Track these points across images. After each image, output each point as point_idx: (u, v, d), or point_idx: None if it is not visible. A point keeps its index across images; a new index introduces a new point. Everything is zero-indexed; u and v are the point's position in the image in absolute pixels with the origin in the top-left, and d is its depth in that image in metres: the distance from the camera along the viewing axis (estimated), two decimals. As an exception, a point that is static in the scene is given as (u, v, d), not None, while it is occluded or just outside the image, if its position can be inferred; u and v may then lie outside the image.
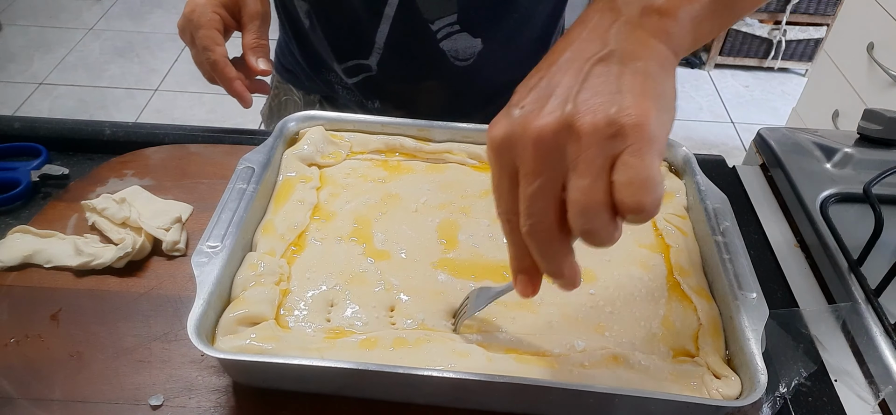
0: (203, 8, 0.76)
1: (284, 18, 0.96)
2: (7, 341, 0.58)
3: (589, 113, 0.37)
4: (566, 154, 0.37)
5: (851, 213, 0.76)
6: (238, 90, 0.78)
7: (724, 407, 0.50)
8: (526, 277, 0.44)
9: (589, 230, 0.37)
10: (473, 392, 0.53)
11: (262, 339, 0.53)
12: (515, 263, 0.44)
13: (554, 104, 0.38)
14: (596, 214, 0.36)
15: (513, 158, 0.40)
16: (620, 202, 0.36)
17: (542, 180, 0.38)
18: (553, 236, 0.39)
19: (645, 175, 0.35)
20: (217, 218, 0.61)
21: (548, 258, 0.40)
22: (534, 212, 0.39)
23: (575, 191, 0.37)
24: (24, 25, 3.34)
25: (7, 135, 0.81)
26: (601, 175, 0.36)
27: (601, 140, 0.36)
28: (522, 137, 0.39)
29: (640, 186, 0.35)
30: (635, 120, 0.36)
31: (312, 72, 0.97)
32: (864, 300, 0.64)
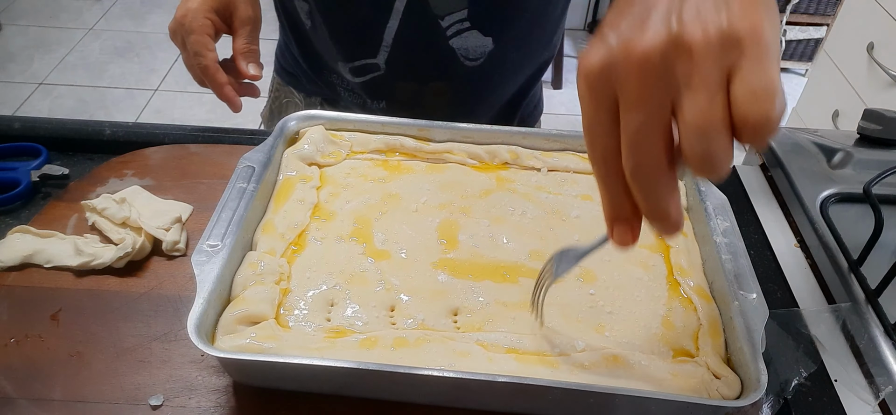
0: (195, 13, 0.77)
1: (284, 20, 0.96)
2: (7, 341, 0.58)
3: (698, 26, 0.34)
4: (676, 75, 0.34)
5: (851, 213, 0.76)
6: (228, 95, 0.80)
7: (724, 407, 0.50)
8: (625, 225, 0.41)
9: (707, 155, 0.34)
10: (473, 392, 0.53)
11: (263, 338, 0.53)
12: (612, 211, 0.41)
13: (656, 23, 0.35)
14: (716, 134, 0.33)
15: (612, 89, 0.36)
16: (743, 117, 0.33)
17: (650, 107, 0.35)
18: (662, 170, 0.36)
19: (769, 84, 0.32)
20: (217, 217, 0.61)
21: (656, 197, 0.37)
22: (642, 144, 0.36)
23: (691, 112, 0.34)
24: (24, 25, 3.34)
25: (7, 135, 0.81)
26: (719, 90, 0.33)
27: (716, 53, 0.33)
28: (625, 63, 0.35)
29: (765, 95, 0.32)
30: (749, 27, 0.33)
31: (314, 74, 0.97)
32: (864, 300, 0.64)
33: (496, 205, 0.69)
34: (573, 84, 1.61)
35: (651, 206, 0.38)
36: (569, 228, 0.67)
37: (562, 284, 0.61)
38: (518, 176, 0.74)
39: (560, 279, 0.54)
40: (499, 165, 0.75)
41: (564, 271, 0.53)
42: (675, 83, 0.34)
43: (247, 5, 0.82)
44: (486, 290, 0.60)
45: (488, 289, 0.60)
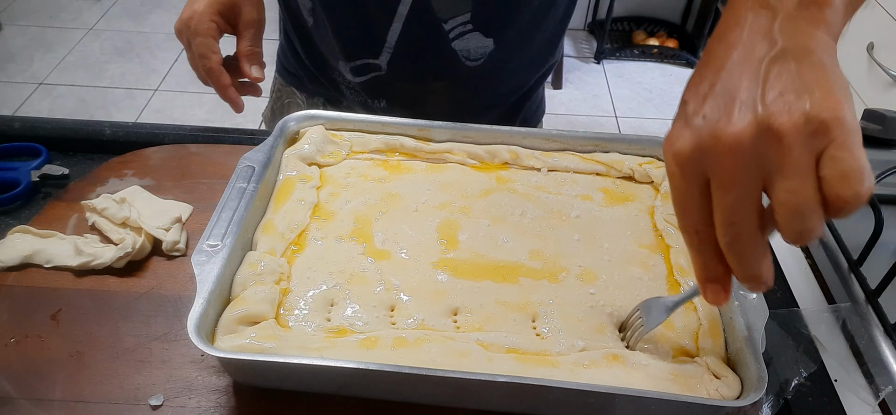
0: (201, 16, 0.79)
1: (287, 18, 0.96)
2: (7, 341, 0.58)
3: (784, 113, 0.36)
4: (767, 159, 0.36)
5: (851, 213, 0.76)
6: (232, 97, 0.82)
7: (724, 407, 0.50)
8: (717, 285, 0.44)
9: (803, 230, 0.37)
10: (473, 392, 0.53)
11: (263, 338, 0.53)
12: (705, 272, 0.43)
13: (742, 109, 0.37)
14: (811, 213, 0.36)
15: (703, 170, 0.39)
16: (835, 197, 0.35)
17: (743, 188, 0.37)
18: (756, 240, 0.39)
19: (857, 165, 0.35)
20: (217, 216, 0.61)
21: (749, 264, 0.40)
22: (736, 220, 0.38)
23: (784, 193, 0.36)
24: (24, 25, 3.34)
25: (7, 135, 0.81)
26: (809, 174, 0.36)
27: (804, 139, 0.35)
28: (715, 147, 0.38)
29: (855, 177, 0.35)
30: (833, 113, 0.35)
31: (316, 72, 0.97)
32: (864, 300, 0.64)
33: (496, 205, 0.69)
34: (573, 84, 1.64)
35: (746, 271, 0.40)
36: (569, 228, 0.67)
37: (562, 284, 0.61)
38: (518, 176, 0.74)
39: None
40: (499, 165, 0.75)
41: (656, 323, 0.55)
42: (766, 167, 0.37)
43: (251, 8, 0.83)
44: (486, 290, 0.60)
45: (488, 289, 0.60)
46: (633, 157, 0.75)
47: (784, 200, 0.36)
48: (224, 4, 0.81)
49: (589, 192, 0.72)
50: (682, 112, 0.41)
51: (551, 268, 0.63)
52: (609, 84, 3.22)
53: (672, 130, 0.41)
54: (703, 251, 0.42)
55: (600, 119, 2.98)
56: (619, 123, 2.96)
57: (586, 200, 0.71)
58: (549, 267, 0.63)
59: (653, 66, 3.36)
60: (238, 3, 0.82)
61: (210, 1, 0.80)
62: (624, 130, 2.87)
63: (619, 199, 0.72)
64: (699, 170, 0.39)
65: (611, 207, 0.70)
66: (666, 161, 0.41)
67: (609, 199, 0.71)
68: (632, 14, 3.54)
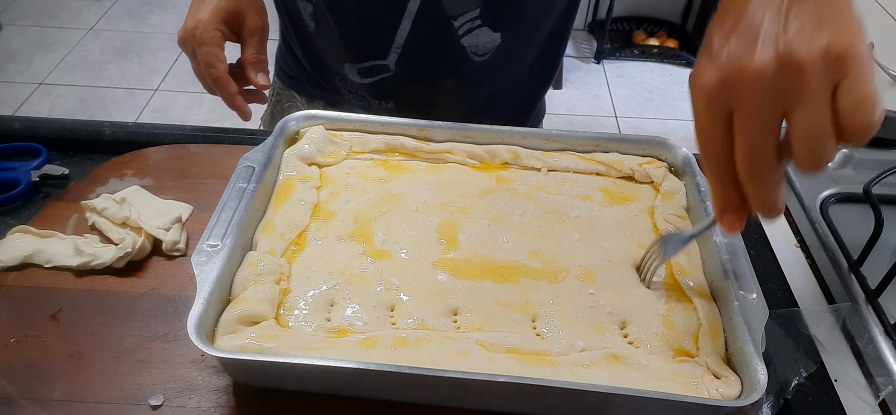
0: (206, 25, 0.79)
1: (288, 22, 0.96)
2: (7, 341, 0.58)
3: (804, 47, 0.38)
4: (786, 89, 0.39)
5: (851, 213, 0.76)
6: (239, 105, 0.83)
7: (724, 407, 0.50)
8: (734, 214, 0.47)
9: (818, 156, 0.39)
10: (473, 392, 0.53)
11: (263, 338, 0.53)
12: (723, 203, 0.46)
13: (765, 43, 0.40)
14: (826, 139, 0.39)
15: (728, 102, 0.41)
16: (848, 124, 0.38)
17: (764, 119, 0.40)
18: (774, 169, 0.42)
19: (870, 95, 0.38)
20: (217, 216, 0.61)
21: (768, 191, 0.43)
22: (758, 149, 0.41)
23: (803, 122, 0.39)
24: (24, 25, 3.34)
25: (7, 135, 0.81)
26: (826, 103, 0.38)
27: (822, 70, 0.38)
28: (739, 80, 0.40)
29: (868, 105, 0.38)
30: (849, 47, 0.38)
31: (317, 75, 0.97)
32: (864, 300, 0.64)
33: (496, 205, 0.69)
34: (573, 84, 1.64)
35: (763, 198, 0.43)
36: (569, 228, 0.67)
37: (562, 284, 0.61)
38: (518, 176, 0.74)
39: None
40: (499, 165, 0.75)
41: (673, 253, 0.59)
42: (787, 97, 0.39)
43: (255, 16, 0.83)
44: (486, 290, 0.60)
45: (488, 289, 0.60)
46: (633, 157, 0.75)
47: (801, 128, 0.39)
48: (228, 13, 0.81)
49: (589, 192, 0.72)
50: (706, 49, 0.43)
51: (551, 268, 0.63)
52: (609, 84, 3.22)
53: (697, 66, 0.43)
54: (723, 182, 0.45)
55: (600, 119, 2.98)
56: (619, 123, 2.96)
57: (586, 200, 0.71)
58: (549, 267, 0.63)
59: (653, 66, 3.36)
60: (242, 11, 0.82)
61: (214, 9, 0.79)
62: (624, 130, 2.87)
63: (619, 199, 0.72)
64: (723, 103, 0.41)
65: (611, 207, 0.70)
66: (692, 96, 0.43)
67: (609, 199, 0.71)
68: (632, 14, 3.55)
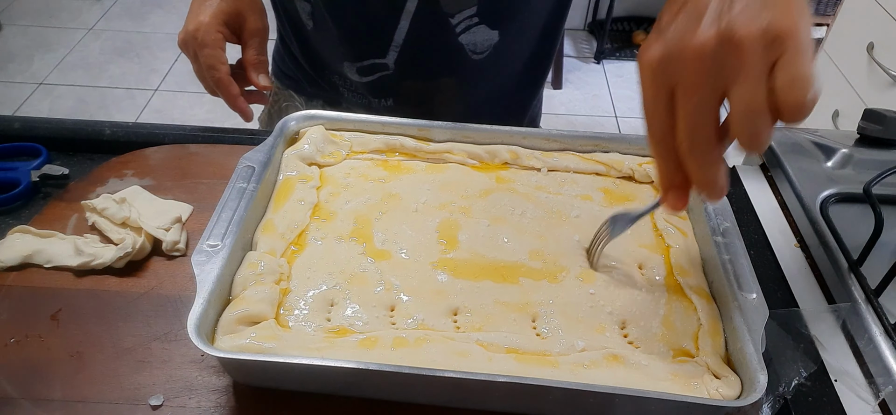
0: (207, 28, 0.79)
1: (285, 22, 0.96)
2: (7, 341, 0.58)
3: (744, 25, 0.39)
4: (726, 66, 0.40)
5: (851, 213, 0.76)
6: (241, 107, 0.83)
7: (724, 407, 0.50)
8: (676, 191, 0.48)
9: (753, 133, 0.41)
10: (473, 392, 0.53)
11: (262, 338, 0.53)
12: (666, 179, 0.48)
13: (708, 21, 0.41)
14: (761, 115, 0.40)
15: (670, 77, 0.42)
16: (783, 102, 0.39)
17: (704, 93, 0.41)
18: (713, 146, 0.43)
19: (804, 75, 0.39)
20: (217, 217, 0.61)
21: (707, 168, 0.44)
22: (697, 124, 0.42)
23: (739, 97, 0.40)
24: (24, 25, 3.34)
25: (7, 135, 0.81)
26: (762, 80, 0.39)
27: (760, 49, 0.39)
28: (682, 55, 0.41)
29: (801, 84, 0.39)
30: (788, 27, 0.39)
31: (316, 75, 0.97)
32: (864, 300, 0.64)
33: (496, 205, 0.69)
34: (573, 84, 1.65)
35: (703, 176, 0.44)
36: (569, 228, 0.67)
37: (562, 284, 0.61)
38: (518, 176, 0.74)
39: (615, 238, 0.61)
40: (499, 165, 0.75)
41: (620, 232, 0.60)
42: (726, 73, 0.40)
43: (255, 17, 0.84)
44: (486, 290, 0.60)
45: (488, 289, 0.60)
46: (633, 157, 0.75)
47: (739, 104, 0.40)
48: (229, 15, 0.81)
49: (589, 192, 0.72)
50: (656, 27, 0.44)
51: (551, 268, 0.63)
52: (609, 84, 3.21)
53: (645, 42, 0.45)
54: (664, 157, 0.46)
55: (600, 119, 2.98)
56: (619, 123, 2.96)
57: (586, 200, 0.71)
58: (549, 267, 0.63)
59: (653, 66, 3.36)
60: (242, 12, 0.83)
61: (215, 12, 0.80)
62: (624, 130, 2.87)
63: (619, 199, 0.72)
64: (666, 78, 0.43)
65: (611, 207, 0.70)
66: (639, 70, 0.44)
67: (609, 199, 0.71)
68: (632, 14, 3.54)
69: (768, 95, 0.40)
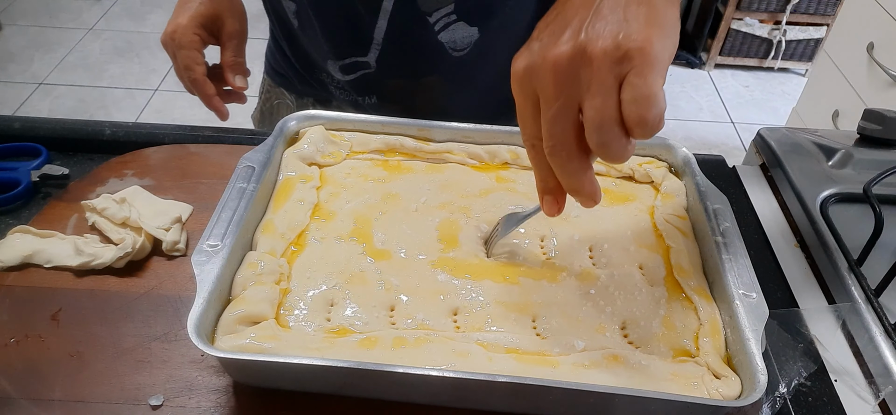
0: (184, 29, 0.82)
1: (274, 20, 0.97)
2: (7, 341, 0.58)
3: (599, 40, 0.41)
4: (580, 79, 0.42)
5: (851, 213, 0.76)
6: (216, 106, 0.86)
7: (724, 407, 0.50)
8: (551, 196, 0.50)
9: (603, 144, 0.42)
10: (473, 392, 0.53)
11: (262, 338, 0.53)
12: (541, 184, 0.50)
13: (568, 35, 0.42)
14: (609, 128, 0.41)
15: (534, 87, 0.44)
16: (627, 117, 0.40)
17: (560, 103, 0.43)
18: (572, 154, 0.44)
19: (647, 92, 0.40)
20: (217, 217, 0.61)
21: (569, 174, 0.45)
22: (555, 132, 0.44)
23: (589, 109, 0.42)
24: (24, 25, 3.34)
25: (7, 135, 0.81)
26: (611, 94, 0.41)
27: (610, 63, 0.40)
28: (542, 66, 0.43)
29: (644, 102, 0.40)
30: (639, 44, 0.40)
31: (305, 72, 0.97)
32: (864, 300, 0.64)
33: (496, 205, 0.69)
34: (573, 84, 1.55)
35: (566, 180, 0.46)
36: (569, 228, 0.67)
37: (562, 284, 0.61)
38: (518, 176, 0.74)
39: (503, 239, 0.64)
40: (499, 164, 0.75)
41: (506, 233, 0.63)
42: (581, 86, 0.42)
43: (233, 20, 0.87)
44: (486, 290, 0.60)
45: (488, 289, 0.60)
46: (633, 157, 0.75)
47: (589, 115, 0.42)
48: (206, 17, 0.84)
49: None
50: (527, 41, 0.46)
51: (551, 268, 0.63)
52: (609, 84, 3.21)
53: (518, 52, 0.46)
54: (537, 163, 0.48)
55: (600, 119, 2.98)
56: (619, 122, 2.96)
57: (586, 200, 0.71)
58: (549, 267, 0.63)
59: (653, 65, 3.36)
60: (220, 15, 0.85)
61: (193, 15, 0.83)
62: (624, 130, 2.86)
63: (619, 199, 0.72)
64: (530, 87, 0.45)
65: (611, 207, 0.70)
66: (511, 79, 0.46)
67: (609, 199, 0.71)
68: (632, 14, 3.54)
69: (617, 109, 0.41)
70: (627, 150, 0.42)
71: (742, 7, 3.13)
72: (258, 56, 1.09)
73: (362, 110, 0.93)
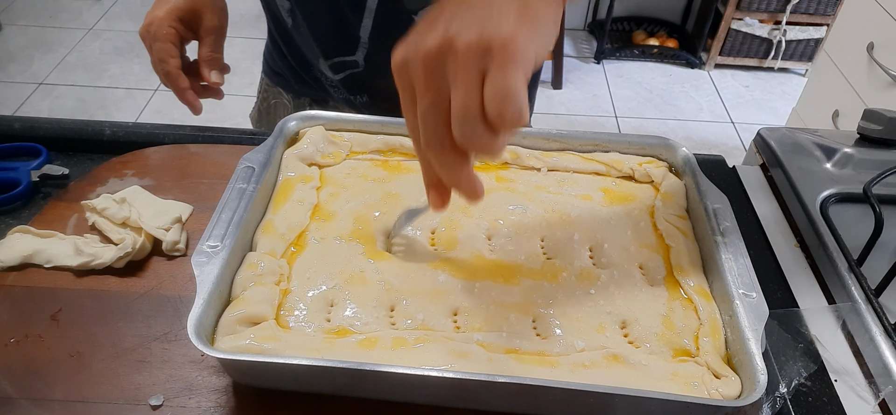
0: (160, 22, 0.81)
1: (269, 19, 0.97)
2: (7, 341, 0.58)
3: (465, 33, 0.40)
4: (447, 71, 0.41)
5: (851, 213, 0.76)
6: (189, 99, 0.85)
7: (724, 407, 0.50)
8: (435, 191, 0.49)
9: (467, 137, 0.41)
10: (473, 392, 0.53)
11: (262, 339, 0.53)
12: (425, 178, 0.49)
13: (439, 28, 0.42)
14: (471, 122, 0.40)
15: (410, 79, 0.44)
16: (487, 112, 0.40)
17: (431, 96, 0.43)
18: (446, 147, 0.43)
19: (505, 88, 0.39)
20: (217, 217, 0.61)
21: (446, 168, 0.45)
22: (427, 125, 0.43)
23: (454, 102, 0.41)
24: (24, 25, 3.34)
25: (7, 135, 0.81)
26: (474, 87, 0.40)
27: (473, 57, 0.40)
28: (414, 58, 0.43)
29: (502, 97, 0.39)
30: (503, 38, 0.39)
31: (301, 72, 0.97)
32: (864, 300, 0.64)
33: (496, 205, 0.69)
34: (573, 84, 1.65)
35: (444, 173, 0.45)
36: (569, 228, 0.67)
37: (562, 284, 0.61)
38: (518, 176, 0.74)
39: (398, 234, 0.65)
40: (499, 164, 0.75)
41: (403, 226, 0.64)
42: (448, 78, 0.42)
43: (212, 15, 0.86)
44: (486, 290, 0.60)
45: (488, 289, 0.60)
46: (633, 157, 0.75)
47: (453, 109, 0.41)
48: (185, 11, 0.83)
49: (589, 192, 0.72)
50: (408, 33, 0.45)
51: (551, 268, 0.63)
52: (609, 84, 3.22)
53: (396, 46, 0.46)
54: (421, 158, 0.48)
55: (600, 119, 2.98)
56: (619, 122, 2.96)
57: (586, 199, 0.71)
58: (549, 267, 0.63)
59: (653, 66, 3.36)
60: (199, 10, 0.84)
61: (170, 8, 0.82)
62: (624, 130, 2.87)
63: (619, 199, 0.72)
64: (407, 78, 0.44)
65: (611, 206, 0.70)
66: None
67: (609, 199, 0.71)
68: (632, 14, 3.55)
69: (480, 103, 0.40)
70: (494, 143, 0.42)
71: (742, 7, 3.13)
72: (257, 56, 1.09)
73: (356, 109, 0.93)
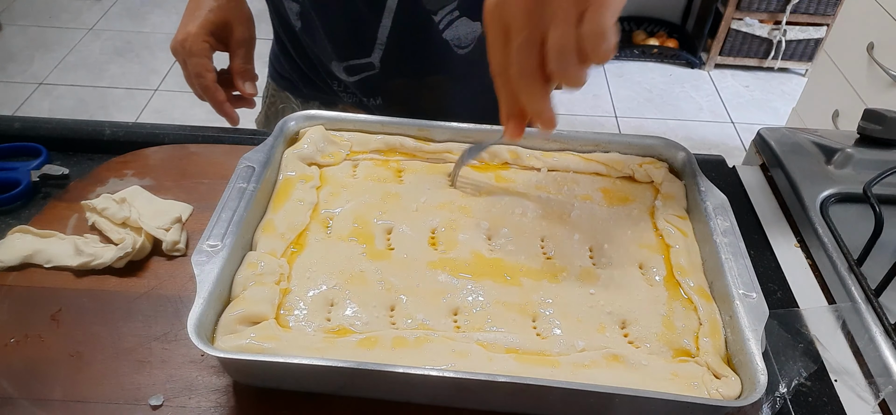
0: (194, 38, 0.83)
1: (277, 24, 0.97)
2: (7, 341, 0.58)
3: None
4: (545, 12, 0.47)
5: (851, 213, 0.76)
6: (228, 112, 0.88)
7: (724, 407, 0.50)
8: (515, 121, 0.56)
9: (562, 69, 0.48)
10: (473, 392, 0.53)
11: (262, 338, 0.53)
12: (505, 109, 0.55)
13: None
14: (568, 56, 0.47)
15: (504, 19, 0.50)
16: (582, 48, 0.47)
17: (527, 32, 0.48)
18: (536, 78, 0.50)
19: (602, 26, 0.46)
20: (217, 217, 0.61)
21: (533, 97, 0.51)
22: (522, 56, 0.49)
23: (552, 39, 0.47)
24: (24, 25, 3.34)
25: (7, 135, 0.81)
26: (571, 26, 0.46)
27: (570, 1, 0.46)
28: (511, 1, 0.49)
29: (598, 34, 0.46)
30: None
31: (311, 75, 0.97)
32: (864, 300, 0.64)
33: (496, 205, 0.69)
34: (573, 84, 1.56)
35: (530, 102, 0.52)
36: (569, 227, 0.67)
37: (562, 284, 0.61)
38: (518, 176, 0.74)
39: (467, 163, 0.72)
40: (499, 164, 0.75)
41: (469, 159, 0.71)
42: (545, 18, 0.48)
43: (242, 27, 0.87)
44: (486, 290, 0.60)
45: (488, 289, 0.60)
46: (633, 157, 0.75)
47: (551, 44, 0.48)
48: (216, 25, 0.85)
49: (589, 192, 0.72)
50: None
51: (551, 268, 0.63)
52: (609, 84, 3.21)
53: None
54: (505, 90, 0.54)
55: (600, 119, 2.98)
56: (619, 123, 2.96)
57: (586, 200, 0.71)
58: (549, 267, 0.63)
59: (653, 66, 3.36)
60: (230, 23, 0.86)
61: (203, 23, 0.83)
62: (624, 130, 2.87)
63: (620, 199, 0.72)
64: (502, 19, 0.50)
65: (611, 207, 0.70)
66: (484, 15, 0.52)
67: (609, 199, 0.71)
68: (632, 14, 3.54)
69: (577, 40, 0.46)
70: (582, 75, 0.48)
71: (742, 7, 3.13)
72: (259, 57, 1.09)
73: (368, 112, 0.93)
